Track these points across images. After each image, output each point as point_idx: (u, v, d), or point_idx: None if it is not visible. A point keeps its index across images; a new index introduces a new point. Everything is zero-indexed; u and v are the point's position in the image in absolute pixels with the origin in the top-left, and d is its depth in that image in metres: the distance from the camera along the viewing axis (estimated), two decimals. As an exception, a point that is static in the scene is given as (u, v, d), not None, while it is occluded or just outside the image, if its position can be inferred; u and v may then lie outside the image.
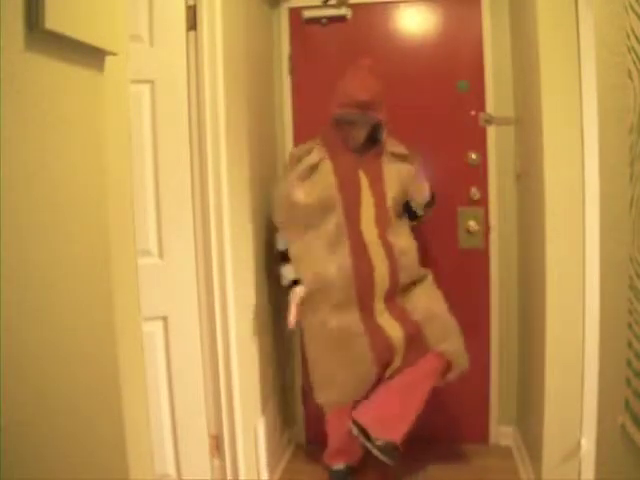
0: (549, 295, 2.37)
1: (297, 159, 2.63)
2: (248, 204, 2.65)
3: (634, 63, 1.42)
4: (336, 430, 2.72)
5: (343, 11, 3.08)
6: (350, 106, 2.48)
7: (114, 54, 1.42)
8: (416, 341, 2.54)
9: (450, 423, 3.14)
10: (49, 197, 1.19)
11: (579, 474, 2.30)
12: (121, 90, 1.52)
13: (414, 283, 2.66)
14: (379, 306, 2.55)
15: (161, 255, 2.29)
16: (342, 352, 2.53)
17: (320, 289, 2.54)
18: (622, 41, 1.49)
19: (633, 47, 1.42)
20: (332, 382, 2.57)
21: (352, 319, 2.52)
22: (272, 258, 2.83)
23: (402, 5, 3.10)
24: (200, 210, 2.33)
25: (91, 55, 1.35)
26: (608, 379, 1.75)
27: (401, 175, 2.65)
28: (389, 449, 2.49)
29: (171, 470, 2.35)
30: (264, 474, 2.68)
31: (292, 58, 3.17)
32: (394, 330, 2.53)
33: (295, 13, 3.14)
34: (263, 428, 2.70)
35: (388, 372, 2.57)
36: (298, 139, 3.19)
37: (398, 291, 2.60)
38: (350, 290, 2.52)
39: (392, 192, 2.61)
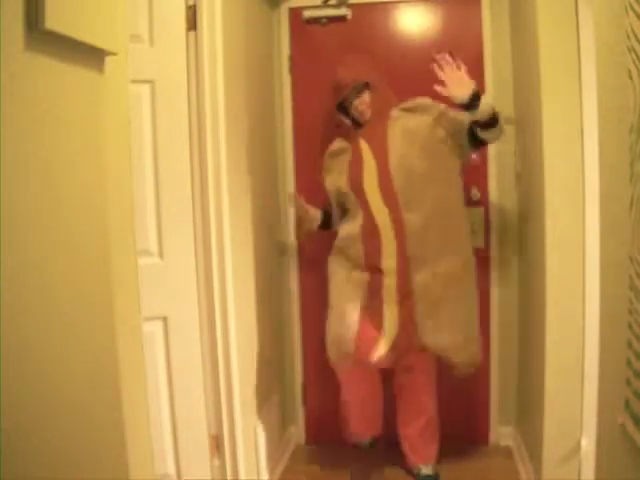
0: (549, 295, 2.37)
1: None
2: (248, 204, 2.65)
3: (634, 63, 1.42)
4: (353, 398, 2.74)
5: (343, 11, 3.08)
6: (342, 87, 2.58)
7: (114, 54, 1.42)
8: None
9: (450, 423, 3.13)
10: (49, 197, 1.19)
11: (579, 474, 2.30)
12: (121, 90, 1.52)
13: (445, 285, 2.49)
14: (387, 264, 2.51)
15: (161, 255, 2.29)
16: (343, 300, 2.59)
17: (344, 248, 2.62)
18: (622, 41, 1.49)
19: (633, 47, 1.42)
20: (330, 335, 2.59)
21: (362, 277, 2.57)
22: (272, 257, 2.82)
23: (402, 5, 3.10)
24: (200, 210, 2.33)
25: (91, 55, 1.35)
26: (608, 379, 1.75)
27: (408, 127, 2.56)
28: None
29: (171, 470, 2.36)
30: (264, 474, 2.68)
31: (292, 58, 3.17)
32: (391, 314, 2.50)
33: (295, 13, 3.14)
34: (263, 428, 2.70)
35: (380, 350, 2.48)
36: (298, 139, 3.19)
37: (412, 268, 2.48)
38: (360, 254, 2.56)
39: (402, 149, 2.52)
